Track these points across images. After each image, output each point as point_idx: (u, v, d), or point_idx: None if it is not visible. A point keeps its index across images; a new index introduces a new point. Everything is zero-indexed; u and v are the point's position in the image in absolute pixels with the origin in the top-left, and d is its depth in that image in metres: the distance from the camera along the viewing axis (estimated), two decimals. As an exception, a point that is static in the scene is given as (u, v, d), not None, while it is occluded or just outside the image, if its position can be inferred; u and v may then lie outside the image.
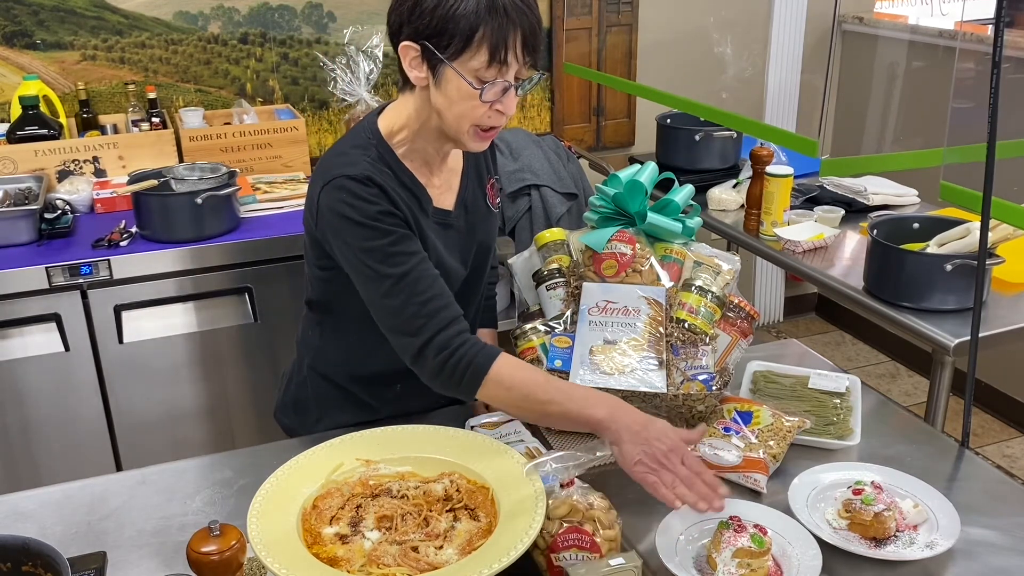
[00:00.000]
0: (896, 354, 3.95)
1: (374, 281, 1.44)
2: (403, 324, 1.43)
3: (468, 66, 1.36)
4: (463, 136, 1.44)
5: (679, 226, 1.62)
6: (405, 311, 1.42)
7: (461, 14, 1.33)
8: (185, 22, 3.05)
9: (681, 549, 1.30)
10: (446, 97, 1.40)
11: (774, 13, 3.52)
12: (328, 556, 1.22)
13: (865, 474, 1.42)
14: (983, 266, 1.57)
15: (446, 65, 1.37)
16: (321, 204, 1.45)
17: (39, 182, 2.62)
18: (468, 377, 1.40)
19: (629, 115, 3.71)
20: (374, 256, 1.42)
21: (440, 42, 1.36)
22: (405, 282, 1.42)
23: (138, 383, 2.52)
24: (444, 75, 1.38)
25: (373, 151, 1.48)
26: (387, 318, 1.45)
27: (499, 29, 1.34)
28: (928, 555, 1.27)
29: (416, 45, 1.38)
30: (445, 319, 1.42)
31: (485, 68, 1.36)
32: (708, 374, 1.51)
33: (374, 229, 1.41)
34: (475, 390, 1.41)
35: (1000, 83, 1.40)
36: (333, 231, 1.45)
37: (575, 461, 1.25)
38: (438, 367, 1.41)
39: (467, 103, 1.39)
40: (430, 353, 1.41)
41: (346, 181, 1.42)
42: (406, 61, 1.41)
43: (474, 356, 1.40)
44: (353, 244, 1.43)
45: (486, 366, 1.40)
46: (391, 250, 1.42)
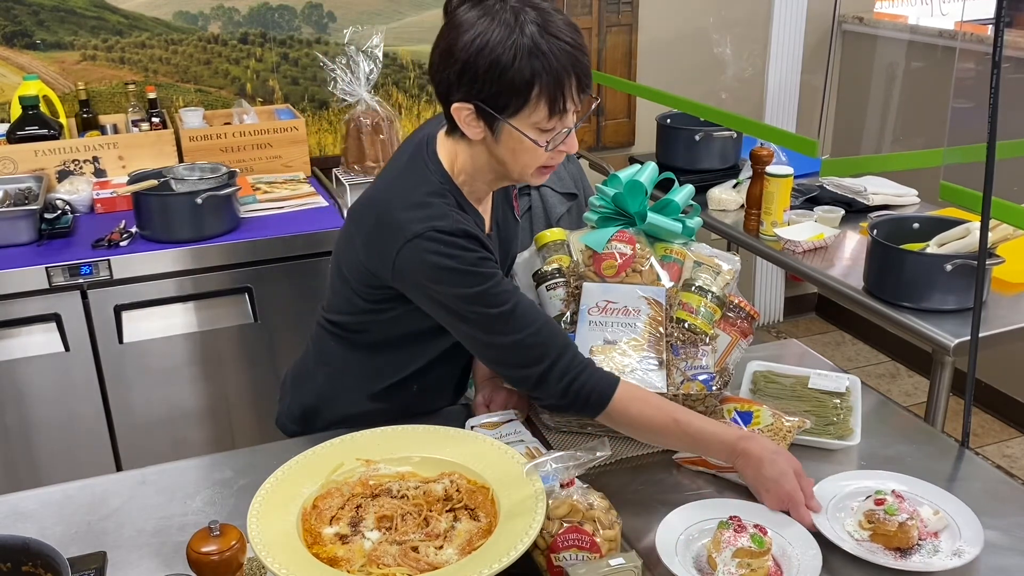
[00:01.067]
0: (896, 354, 3.94)
1: (484, 324, 1.42)
2: (521, 357, 1.43)
3: (528, 121, 1.35)
4: (528, 178, 1.45)
5: (679, 226, 1.62)
6: (521, 344, 1.42)
7: (515, 74, 1.31)
8: (185, 22, 3.05)
9: (681, 549, 1.30)
10: (509, 150, 1.40)
11: (774, 13, 3.52)
12: (328, 556, 1.22)
13: (884, 483, 1.40)
14: (983, 266, 1.57)
15: (504, 123, 1.36)
16: (406, 258, 1.40)
17: (39, 182, 2.62)
18: (592, 403, 1.42)
19: (629, 115, 3.72)
20: (482, 301, 1.40)
21: (497, 103, 1.34)
22: (514, 317, 1.41)
23: (138, 383, 2.51)
24: (503, 131, 1.37)
25: (451, 198, 1.45)
26: (504, 356, 1.45)
27: (555, 83, 1.32)
28: (957, 564, 1.26)
29: (470, 105, 1.36)
30: (559, 345, 1.43)
31: (546, 121, 1.35)
32: (708, 374, 1.51)
33: (476, 275, 1.39)
34: (597, 415, 1.44)
35: (1000, 83, 1.40)
36: (423, 286, 1.42)
37: (575, 461, 1.25)
38: (563, 390, 1.42)
39: (531, 153, 1.39)
40: (553, 379, 1.42)
41: (440, 235, 1.38)
42: (460, 119, 1.38)
43: (596, 383, 1.42)
44: (456, 293, 1.40)
45: (609, 393, 1.41)
46: (495, 291, 1.41)
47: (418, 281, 1.42)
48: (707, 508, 1.37)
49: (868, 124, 3.86)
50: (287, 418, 1.76)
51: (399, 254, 1.40)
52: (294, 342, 1.81)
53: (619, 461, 1.53)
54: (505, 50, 1.30)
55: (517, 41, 1.30)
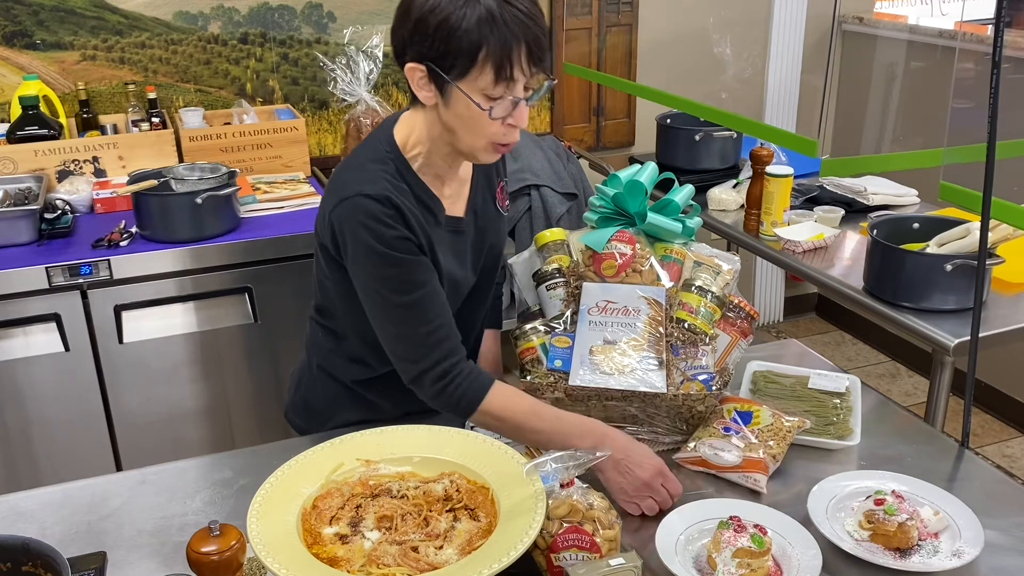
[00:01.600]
0: (896, 354, 3.94)
1: (381, 307, 1.46)
2: (405, 350, 1.47)
3: (475, 85, 1.35)
4: (478, 152, 1.45)
5: (679, 226, 1.62)
6: (408, 339, 1.45)
7: (463, 34, 1.31)
8: (185, 22, 3.05)
9: (681, 549, 1.30)
10: (456, 116, 1.40)
11: (774, 13, 3.52)
12: (328, 556, 1.22)
13: (884, 483, 1.40)
14: (983, 266, 1.57)
15: (452, 85, 1.36)
16: (335, 220, 1.45)
17: (39, 182, 2.62)
18: (463, 406, 1.46)
19: (629, 115, 3.71)
20: (386, 285, 1.44)
21: (444, 63, 1.35)
22: (412, 312, 1.44)
23: (138, 383, 2.51)
24: (452, 95, 1.38)
25: (391, 165, 1.47)
26: (390, 342, 1.49)
27: (502, 46, 1.32)
28: (957, 564, 1.26)
29: (421, 66, 1.37)
30: (446, 348, 1.45)
31: (492, 86, 1.35)
32: (708, 374, 1.51)
33: (387, 257, 1.42)
34: (467, 418, 1.47)
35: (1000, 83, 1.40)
36: (346, 249, 1.46)
37: (575, 461, 1.25)
38: (435, 394, 1.46)
39: (478, 122, 1.39)
40: (427, 381, 1.45)
41: (364, 200, 1.41)
42: (413, 81, 1.40)
43: (469, 386, 1.45)
44: (366, 268, 1.44)
45: (479, 398, 1.44)
46: (403, 279, 1.43)
47: (344, 242, 1.45)
48: (707, 508, 1.37)
49: (868, 124, 3.86)
50: (292, 411, 1.79)
51: (332, 212, 1.45)
52: (294, 342, 1.81)
53: (619, 461, 1.53)
54: (456, 10, 1.31)
55: (470, 3, 1.31)
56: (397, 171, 1.47)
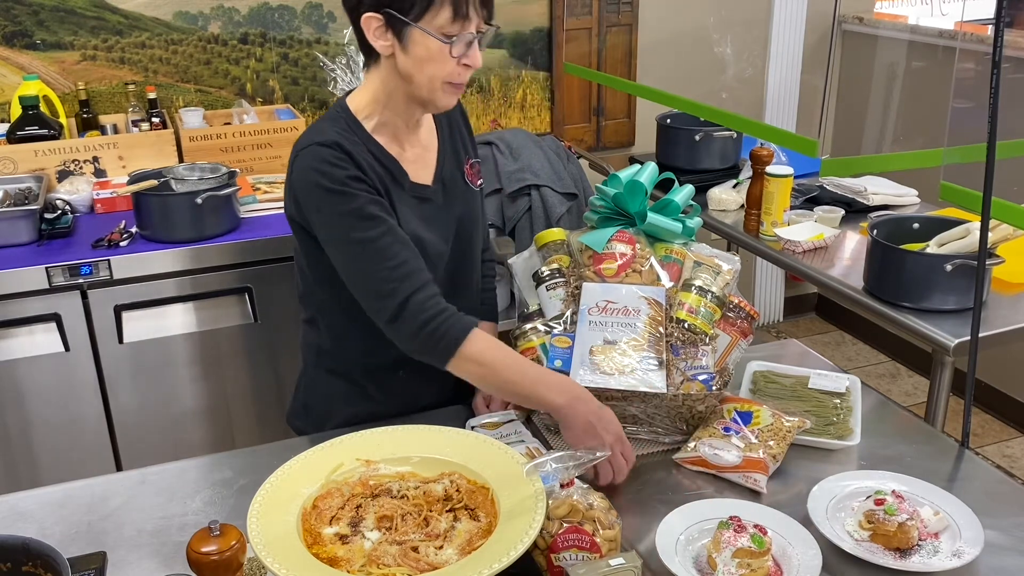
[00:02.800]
0: (896, 354, 3.95)
1: (346, 246, 1.47)
2: (376, 287, 1.46)
3: (433, 24, 1.41)
4: (436, 95, 1.48)
5: (679, 226, 1.62)
6: (377, 274, 1.45)
7: None
8: (185, 22, 3.05)
9: (681, 549, 1.30)
10: (415, 59, 1.44)
11: (774, 13, 3.52)
12: (328, 556, 1.22)
13: (884, 483, 1.40)
14: (983, 266, 1.57)
15: (412, 27, 1.41)
16: (294, 175, 1.50)
17: (39, 182, 2.62)
18: (443, 346, 1.44)
19: (629, 115, 3.71)
20: (345, 221, 1.46)
21: (403, 6, 1.40)
22: (376, 246, 1.45)
23: (138, 383, 2.51)
24: (411, 38, 1.42)
25: (342, 123, 1.52)
26: (360, 282, 1.48)
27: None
28: (957, 564, 1.25)
29: (379, 15, 1.42)
30: (418, 281, 1.45)
31: (450, 23, 1.41)
32: (708, 374, 1.51)
33: (343, 194, 1.45)
34: (447, 360, 1.45)
35: (1000, 83, 1.40)
36: (306, 200, 1.49)
37: (575, 461, 1.25)
38: (416, 330, 1.44)
39: (436, 61, 1.43)
40: (407, 315, 1.44)
41: (315, 148, 1.46)
42: (370, 32, 1.44)
43: (451, 326, 1.44)
44: (325, 210, 1.47)
45: (461, 338, 1.44)
46: (362, 213, 1.45)
47: (304, 195, 1.49)
48: (707, 508, 1.37)
49: (868, 124, 3.86)
50: (294, 415, 1.80)
51: (291, 173, 1.51)
52: (294, 342, 1.81)
53: (619, 461, 1.53)
54: None
55: None
56: (348, 127, 1.51)
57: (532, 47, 3.48)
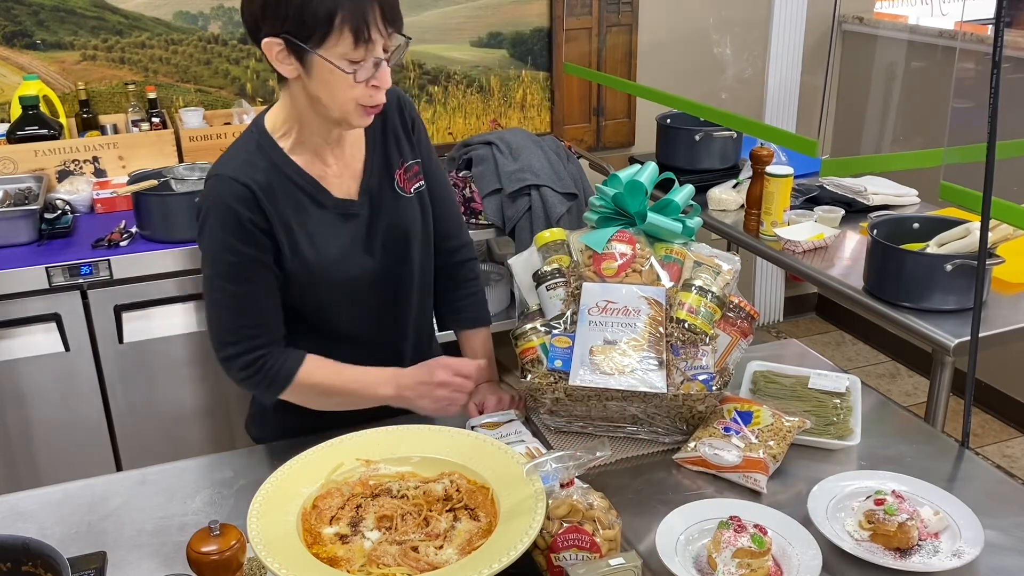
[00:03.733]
0: (896, 354, 3.94)
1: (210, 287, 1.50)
2: (221, 333, 1.52)
3: (335, 52, 1.37)
4: (349, 116, 1.45)
5: (679, 226, 1.62)
6: (226, 325, 1.50)
7: (317, 3, 1.33)
8: (185, 22, 3.05)
9: (681, 549, 1.30)
10: (322, 84, 1.40)
11: (774, 13, 3.52)
12: (328, 556, 1.22)
13: (884, 483, 1.40)
14: (983, 266, 1.57)
15: (312, 54, 1.37)
16: (201, 200, 1.50)
17: (39, 182, 2.62)
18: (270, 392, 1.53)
19: (629, 115, 3.71)
20: (218, 266, 1.48)
21: (301, 33, 1.36)
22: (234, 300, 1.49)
23: (138, 383, 2.51)
24: (313, 64, 1.39)
25: (253, 145, 1.50)
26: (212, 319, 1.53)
27: (357, 10, 1.34)
28: (957, 564, 1.25)
29: (279, 40, 1.38)
30: (260, 342, 1.50)
31: (352, 50, 1.37)
32: (708, 374, 1.51)
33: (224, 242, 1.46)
34: (275, 397, 1.54)
35: (1000, 83, 1.40)
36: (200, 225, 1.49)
37: (575, 461, 1.25)
38: (239, 381, 1.53)
39: (343, 87, 1.40)
40: (237, 365, 1.50)
41: (222, 180, 1.46)
42: (271, 56, 1.41)
43: (273, 378, 1.51)
44: (206, 245, 1.48)
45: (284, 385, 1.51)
46: (235, 266, 1.47)
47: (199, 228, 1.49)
48: (707, 508, 1.37)
49: (868, 124, 3.86)
50: (250, 422, 1.80)
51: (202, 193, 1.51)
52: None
53: (619, 461, 1.53)
54: None
55: None
56: (259, 148, 1.50)
57: (532, 47, 3.48)
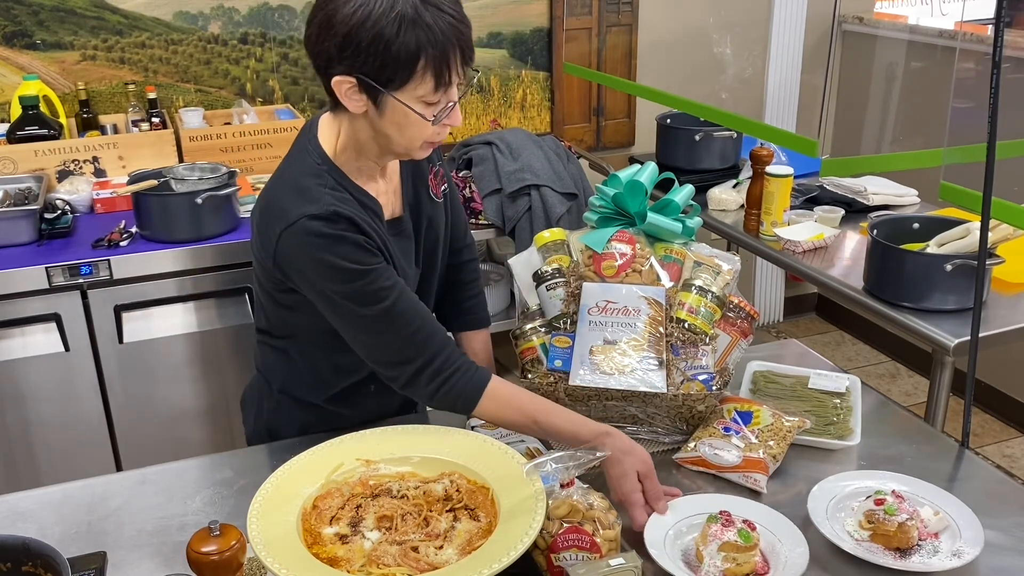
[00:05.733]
0: (896, 354, 3.94)
1: (356, 321, 1.42)
2: (393, 356, 1.43)
3: (412, 95, 1.33)
4: (413, 152, 1.42)
5: (679, 226, 1.62)
6: (393, 344, 1.42)
7: (400, 46, 1.28)
8: (185, 22, 3.05)
9: (671, 542, 1.30)
10: (392, 124, 1.37)
11: (774, 13, 3.52)
12: (328, 556, 1.22)
13: (884, 483, 1.40)
14: (983, 266, 1.57)
15: (387, 96, 1.33)
16: (283, 250, 1.40)
17: (39, 182, 2.62)
18: (461, 405, 1.44)
19: (629, 115, 3.71)
20: (353, 299, 1.39)
21: (381, 76, 1.31)
22: (388, 318, 1.40)
23: (138, 383, 2.51)
24: (387, 105, 1.34)
25: (328, 178, 1.42)
26: (373, 353, 1.45)
27: (440, 55, 1.30)
28: (957, 564, 1.25)
29: (351, 78, 1.32)
30: (436, 345, 1.43)
31: (432, 94, 1.33)
32: (708, 374, 1.51)
33: (348, 271, 1.37)
34: (470, 411, 1.45)
35: (1000, 83, 1.40)
36: (302, 275, 1.41)
37: (575, 461, 1.25)
38: (432, 393, 1.43)
39: (416, 127, 1.37)
40: (423, 380, 1.42)
41: (310, 223, 1.36)
42: (340, 93, 1.35)
43: (465, 384, 1.42)
44: (328, 287, 1.39)
45: (477, 397, 1.42)
46: (369, 289, 1.39)
47: (296, 270, 1.41)
48: (699, 503, 1.37)
49: (868, 124, 3.86)
50: (257, 440, 1.72)
51: (278, 242, 1.39)
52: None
53: (619, 461, 1.53)
54: (388, 22, 1.27)
55: (400, 13, 1.27)
56: (336, 182, 1.43)
57: (532, 47, 3.48)
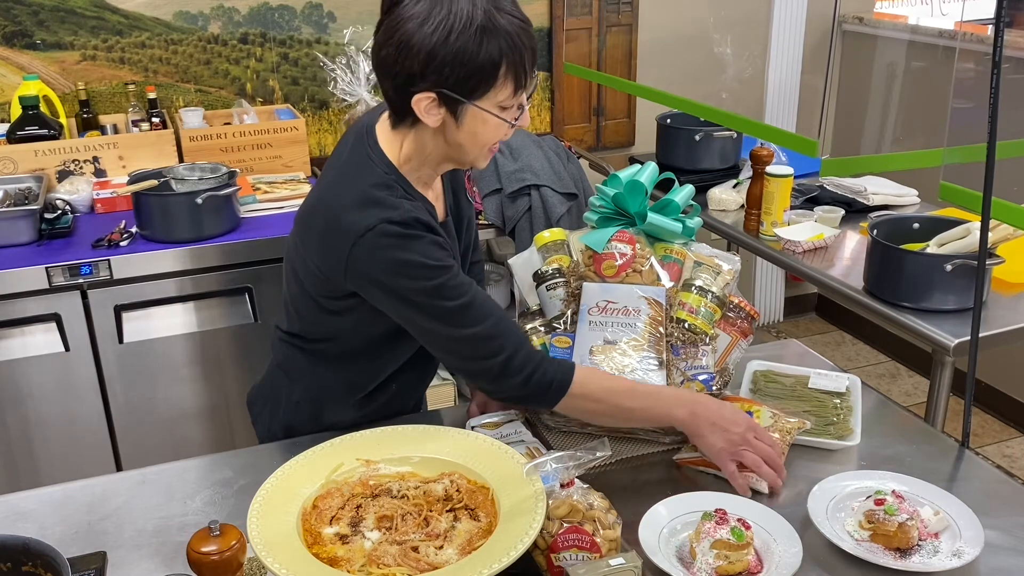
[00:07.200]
0: (896, 354, 3.95)
1: (442, 316, 1.40)
2: (481, 350, 1.42)
3: (494, 101, 1.37)
4: (479, 159, 1.45)
5: (679, 226, 1.62)
6: (481, 336, 1.41)
7: (483, 57, 1.31)
8: (185, 22, 3.05)
9: (665, 540, 1.30)
10: (469, 132, 1.39)
11: (774, 13, 3.52)
12: (328, 556, 1.22)
13: (884, 483, 1.40)
14: (983, 266, 1.57)
15: (468, 105, 1.36)
16: (358, 257, 1.38)
17: (39, 182, 2.62)
18: (552, 394, 1.43)
19: (629, 115, 3.71)
20: (440, 294, 1.39)
21: (465, 88, 1.34)
22: (472, 309, 1.41)
23: (138, 383, 2.51)
24: (468, 114, 1.37)
25: (399, 188, 1.43)
26: (462, 348, 1.43)
27: (519, 59, 1.34)
28: (957, 564, 1.25)
29: (431, 94, 1.34)
30: (519, 336, 1.44)
31: (510, 98, 1.37)
32: (708, 374, 1.51)
33: (433, 268, 1.38)
34: (557, 403, 1.44)
35: (1000, 83, 1.40)
36: (378, 282, 1.40)
37: (575, 461, 1.25)
38: (522, 383, 1.42)
39: (493, 132, 1.40)
40: (514, 370, 1.41)
41: (389, 227, 1.36)
42: (420, 110, 1.36)
43: (556, 371, 1.43)
44: (411, 287, 1.38)
45: (568, 381, 1.43)
46: (453, 283, 1.39)
47: (374, 278, 1.39)
48: (695, 500, 1.37)
49: (868, 124, 3.86)
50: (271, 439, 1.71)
51: (351, 253, 1.38)
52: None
53: (619, 461, 1.53)
54: (470, 36, 1.30)
55: (479, 24, 1.30)
56: (406, 192, 1.44)
57: (532, 47, 3.48)
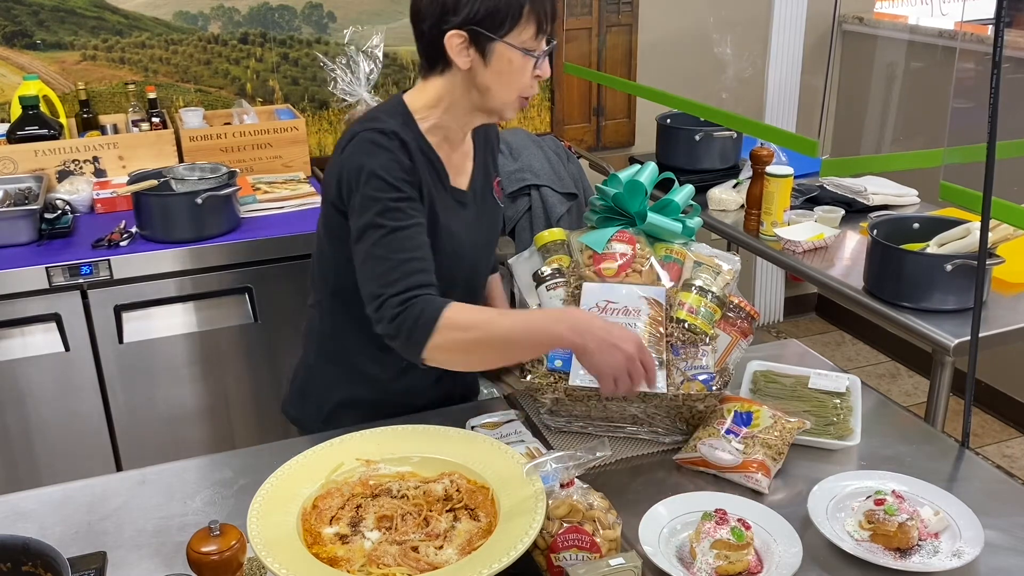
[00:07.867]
0: (896, 354, 3.94)
1: (367, 231, 1.46)
2: (377, 272, 1.45)
3: (519, 39, 1.46)
4: (507, 108, 1.53)
5: (679, 226, 1.62)
6: (384, 262, 1.45)
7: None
8: (185, 22, 3.05)
9: (665, 539, 1.30)
10: (495, 73, 1.48)
11: (774, 13, 3.52)
12: (328, 556, 1.22)
13: (884, 483, 1.40)
14: (983, 266, 1.57)
15: (498, 43, 1.45)
16: (345, 155, 1.50)
17: (39, 182, 2.62)
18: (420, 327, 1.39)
19: (629, 115, 3.71)
20: (375, 206, 1.46)
21: (493, 23, 1.44)
22: (394, 237, 1.45)
23: (138, 383, 2.51)
24: (495, 53, 1.46)
25: (400, 117, 1.53)
26: (366, 265, 1.47)
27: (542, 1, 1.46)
28: (957, 564, 1.25)
29: (463, 31, 1.45)
30: (418, 280, 1.44)
31: (533, 38, 1.47)
32: (708, 374, 1.51)
33: (384, 181, 1.46)
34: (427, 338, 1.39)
35: (1000, 83, 1.40)
36: (350, 180, 1.48)
37: (575, 461, 1.25)
38: (392, 317, 1.41)
39: (518, 74, 1.49)
40: (390, 305, 1.41)
41: (373, 134, 1.48)
42: (451, 48, 1.46)
43: (423, 308, 1.40)
44: (363, 191, 1.47)
45: (436, 314, 1.39)
46: (393, 205, 1.46)
47: (348, 182, 1.49)
48: (696, 500, 1.38)
49: (868, 124, 3.86)
50: (289, 403, 1.79)
51: (343, 154, 1.51)
52: (294, 342, 1.81)
53: (619, 461, 1.53)
54: None
55: None
56: (405, 123, 1.53)
57: (532, 47, 3.48)
